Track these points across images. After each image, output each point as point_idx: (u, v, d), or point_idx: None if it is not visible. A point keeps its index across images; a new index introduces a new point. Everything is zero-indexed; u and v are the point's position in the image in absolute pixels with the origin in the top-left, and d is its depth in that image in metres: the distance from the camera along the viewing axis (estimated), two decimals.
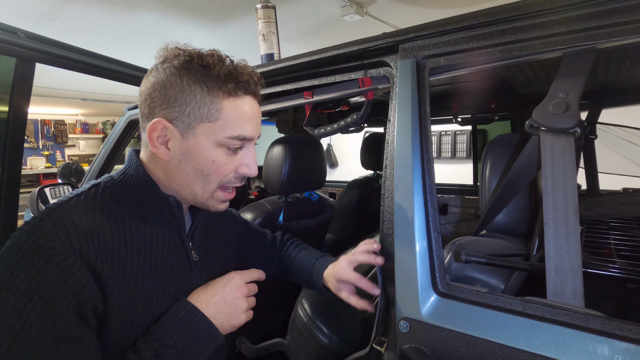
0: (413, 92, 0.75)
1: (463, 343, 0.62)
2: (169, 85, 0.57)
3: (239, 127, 0.59)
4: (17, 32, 0.79)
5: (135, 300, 0.55)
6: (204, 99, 0.57)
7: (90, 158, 6.46)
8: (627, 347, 0.50)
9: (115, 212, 0.57)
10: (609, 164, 1.47)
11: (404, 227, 0.72)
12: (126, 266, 0.55)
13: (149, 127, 0.58)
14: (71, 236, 0.50)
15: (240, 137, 0.59)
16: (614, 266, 0.79)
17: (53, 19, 2.45)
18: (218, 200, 0.64)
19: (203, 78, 0.57)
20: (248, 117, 0.60)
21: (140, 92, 0.61)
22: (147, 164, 0.62)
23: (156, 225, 0.61)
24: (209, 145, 0.58)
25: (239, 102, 0.59)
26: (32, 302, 0.46)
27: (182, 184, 0.61)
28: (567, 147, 0.62)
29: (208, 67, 0.57)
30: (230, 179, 0.62)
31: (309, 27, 2.84)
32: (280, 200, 1.34)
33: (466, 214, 2.12)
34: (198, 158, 0.59)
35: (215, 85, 0.57)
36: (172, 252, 0.62)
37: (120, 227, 0.56)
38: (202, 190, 0.61)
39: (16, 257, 0.47)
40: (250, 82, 0.60)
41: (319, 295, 1.04)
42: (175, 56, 0.59)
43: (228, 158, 0.60)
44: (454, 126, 2.36)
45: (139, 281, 0.56)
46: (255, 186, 2.91)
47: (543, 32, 0.63)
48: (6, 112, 0.81)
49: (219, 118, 0.57)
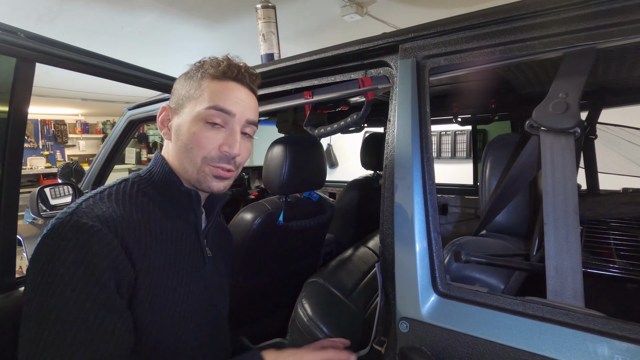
0: (413, 92, 0.75)
1: (463, 343, 0.62)
2: (176, 84, 0.70)
3: (217, 99, 0.64)
4: (17, 32, 0.79)
5: (157, 284, 0.59)
6: (193, 84, 0.66)
7: (90, 158, 6.46)
8: (627, 347, 0.50)
9: (142, 204, 0.63)
10: (609, 164, 1.47)
11: (404, 227, 0.72)
12: (151, 252, 0.59)
13: (158, 112, 0.69)
14: (108, 219, 0.55)
15: (217, 107, 0.63)
16: (614, 266, 0.79)
17: (53, 19, 2.45)
18: (209, 176, 0.66)
19: (200, 72, 0.67)
20: (228, 94, 0.65)
21: None
22: (168, 160, 0.69)
23: (176, 220, 0.66)
24: (190, 118, 0.64)
25: (222, 83, 0.66)
26: (79, 272, 0.50)
27: (178, 162, 0.66)
28: (567, 147, 0.62)
29: (204, 63, 0.67)
30: (213, 157, 0.65)
31: (309, 27, 2.84)
32: (280, 200, 1.34)
33: (466, 214, 2.12)
34: (183, 131, 0.65)
35: (207, 74, 0.66)
36: (189, 245, 0.67)
37: (147, 217, 0.62)
38: (190, 165, 0.65)
39: (61, 233, 0.52)
40: (239, 71, 0.67)
41: (319, 295, 1.04)
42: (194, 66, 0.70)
43: (208, 132, 0.64)
44: (454, 126, 2.36)
45: (161, 267, 0.61)
46: (255, 186, 2.91)
47: (543, 32, 0.63)
48: (6, 112, 0.81)
49: (201, 95, 0.65)
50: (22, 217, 2.18)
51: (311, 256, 1.59)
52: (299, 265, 1.51)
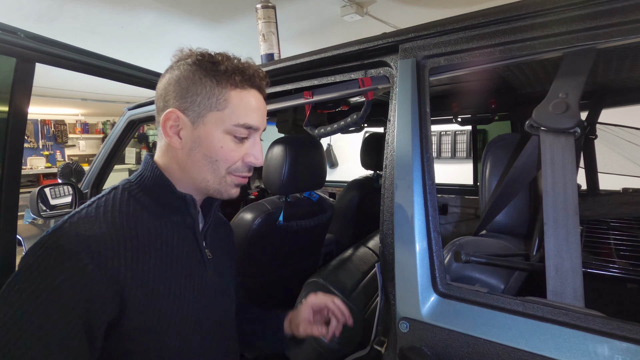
0: (413, 92, 0.75)
1: (463, 343, 0.62)
2: (182, 79, 0.62)
3: (245, 115, 0.63)
4: (17, 32, 0.79)
5: (152, 293, 0.58)
6: (213, 90, 0.61)
7: (90, 158, 6.46)
8: (627, 347, 0.50)
9: (134, 212, 0.60)
10: (609, 164, 1.47)
11: (404, 227, 0.72)
12: (146, 263, 0.58)
13: (164, 117, 0.62)
14: (90, 239, 0.52)
15: (246, 125, 0.63)
16: (614, 266, 0.79)
17: (53, 19, 2.45)
18: (230, 185, 0.66)
19: (213, 72, 0.61)
20: (254, 108, 0.64)
21: (157, 89, 0.66)
22: (162, 163, 0.66)
23: (172, 224, 0.64)
24: (217, 132, 0.62)
25: (245, 94, 0.63)
26: (37, 302, 0.47)
27: (194, 171, 0.64)
28: (567, 147, 0.62)
29: (217, 63, 0.62)
30: (238, 167, 0.65)
31: (309, 27, 2.84)
32: (280, 200, 1.34)
33: (466, 214, 2.12)
34: (207, 145, 0.62)
35: (224, 77, 0.61)
36: (186, 249, 0.65)
37: (139, 226, 0.59)
38: (212, 175, 0.64)
39: (35, 254, 0.50)
40: (255, 77, 0.64)
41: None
42: (189, 56, 0.64)
43: (235, 146, 0.63)
44: (454, 126, 2.36)
45: (158, 276, 0.59)
46: (255, 186, 2.91)
47: (543, 32, 0.63)
48: (6, 112, 0.81)
49: (226, 107, 0.62)
50: (22, 217, 2.18)
51: (311, 256, 1.59)
52: (299, 265, 1.51)
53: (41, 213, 1.61)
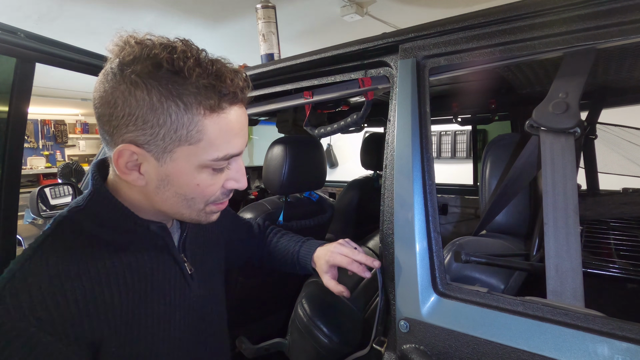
0: (413, 92, 0.75)
1: (463, 343, 0.62)
2: (134, 103, 0.45)
3: (226, 145, 0.50)
4: (17, 32, 0.79)
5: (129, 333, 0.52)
6: (181, 119, 0.46)
7: (90, 158, 6.46)
8: (627, 347, 0.50)
9: (90, 251, 0.50)
10: (609, 164, 1.47)
11: (404, 227, 0.72)
12: (114, 304, 0.50)
13: (115, 154, 0.48)
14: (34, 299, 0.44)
15: (227, 156, 0.51)
16: (614, 266, 0.79)
17: (53, 19, 2.45)
18: (210, 213, 0.58)
19: (177, 91, 0.45)
20: (236, 132, 0.51)
21: (95, 100, 0.48)
22: (119, 186, 0.55)
23: (140, 250, 0.55)
24: (190, 169, 0.50)
25: (223, 118, 0.49)
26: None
27: (165, 207, 0.54)
28: (567, 147, 0.62)
29: (182, 75, 0.45)
30: (218, 197, 0.56)
31: (309, 27, 2.84)
32: (280, 200, 1.34)
33: (466, 214, 2.12)
34: (179, 183, 0.51)
35: (194, 100, 0.46)
36: (162, 273, 0.58)
37: (100, 266, 0.50)
38: (188, 210, 0.55)
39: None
40: (237, 90, 0.50)
41: (319, 295, 1.04)
42: (136, 59, 0.46)
43: (214, 178, 0.53)
44: (454, 126, 2.36)
45: (129, 314, 0.52)
46: (255, 186, 2.91)
47: (543, 32, 0.63)
48: (6, 112, 0.81)
49: (201, 139, 0.48)
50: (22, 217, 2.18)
51: None
52: None
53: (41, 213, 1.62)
